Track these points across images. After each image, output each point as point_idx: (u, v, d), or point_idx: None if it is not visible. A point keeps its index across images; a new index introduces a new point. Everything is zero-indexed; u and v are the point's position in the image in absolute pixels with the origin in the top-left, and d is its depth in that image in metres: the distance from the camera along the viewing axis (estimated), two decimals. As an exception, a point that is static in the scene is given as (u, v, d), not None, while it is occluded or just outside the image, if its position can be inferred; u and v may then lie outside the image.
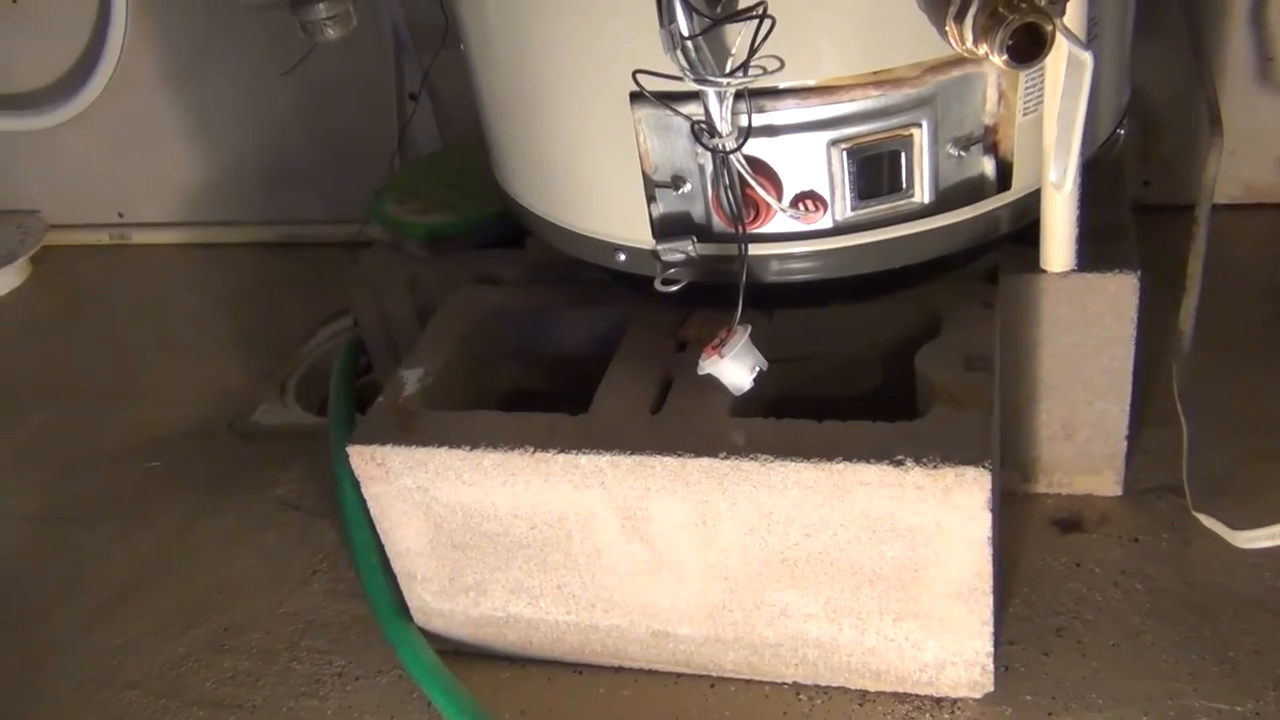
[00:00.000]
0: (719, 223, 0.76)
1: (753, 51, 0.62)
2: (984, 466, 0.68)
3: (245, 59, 1.41)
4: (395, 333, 1.00)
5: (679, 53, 0.61)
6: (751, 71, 0.62)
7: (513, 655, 0.88)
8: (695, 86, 0.63)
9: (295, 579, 1.00)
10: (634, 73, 0.65)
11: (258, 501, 1.10)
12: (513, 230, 0.96)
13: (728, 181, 0.69)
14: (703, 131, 0.67)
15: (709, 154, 0.68)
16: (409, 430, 0.79)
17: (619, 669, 0.86)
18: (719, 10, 0.60)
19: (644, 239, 0.79)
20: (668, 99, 0.68)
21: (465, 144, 1.14)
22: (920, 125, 0.72)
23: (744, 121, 0.67)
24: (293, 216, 1.50)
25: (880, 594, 0.75)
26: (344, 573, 0.99)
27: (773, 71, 0.63)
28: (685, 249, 0.77)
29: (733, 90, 0.64)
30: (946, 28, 0.57)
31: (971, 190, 0.77)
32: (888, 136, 0.73)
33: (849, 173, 0.73)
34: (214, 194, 1.54)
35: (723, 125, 0.66)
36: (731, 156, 0.67)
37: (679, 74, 0.62)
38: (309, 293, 1.40)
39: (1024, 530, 0.91)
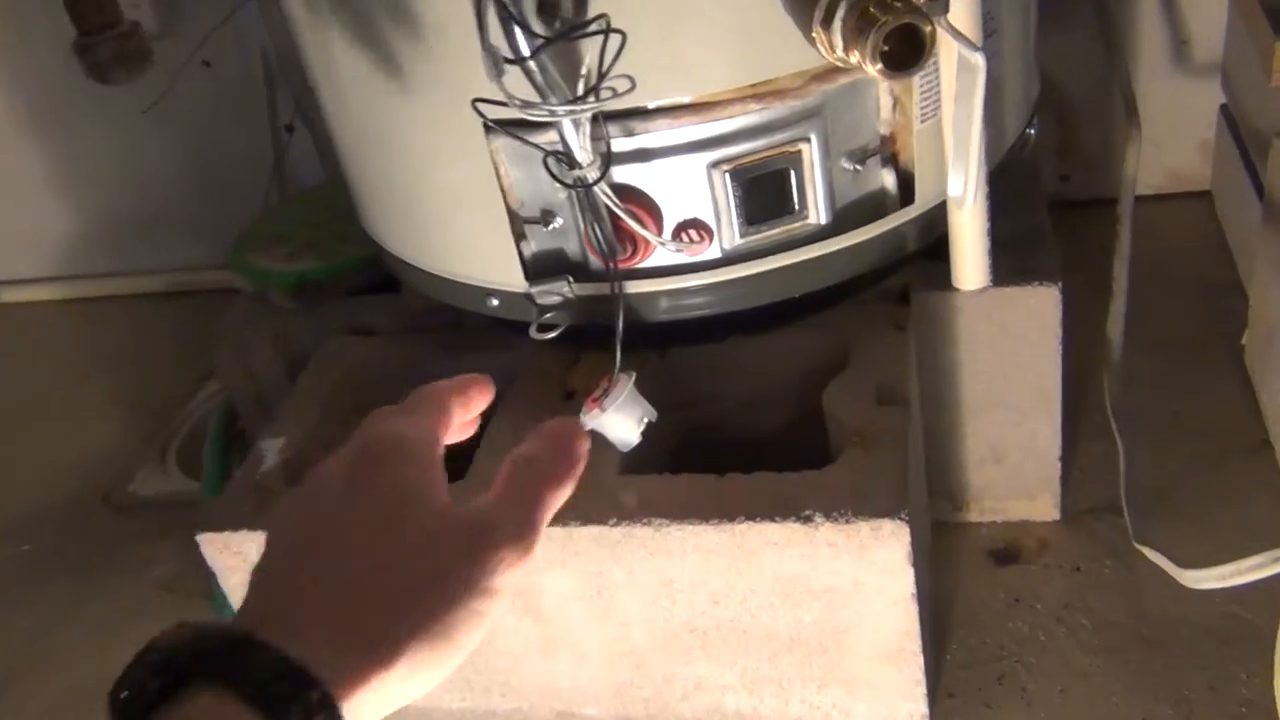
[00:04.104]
0: (597, 260, 0.69)
1: (602, 75, 0.54)
2: (901, 518, 0.61)
3: (109, 101, 1.30)
4: (266, 394, 0.91)
5: (502, 80, 0.53)
6: (603, 94, 0.54)
7: (408, 746, 0.80)
8: (532, 115, 0.55)
9: (174, 671, 0.91)
10: (474, 101, 0.57)
11: (133, 585, 1.00)
12: (389, 273, 0.87)
13: (594, 217, 0.61)
14: (560, 163, 0.59)
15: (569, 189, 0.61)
16: (266, 512, 0.71)
17: (526, 754, 0.78)
18: (557, 25, 0.52)
19: (516, 282, 0.71)
20: (519, 127, 0.60)
21: (338, 179, 1.05)
22: (809, 140, 0.65)
23: (608, 149, 0.59)
24: (175, 264, 1.40)
25: (801, 660, 0.68)
26: (227, 661, 0.90)
27: (624, 93, 0.55)
28: (561, 290, 0.69)
29: (588, 115, 0.56)
30: (814, 34, 0.50)
31: (872, 207, 0.70)
32: (774, 154, 0.65)
33: (734, 196, 0.66)
34: (89, 245, 1.43)
35: (582, 154, 0.58)
36: (596, 189, 0.59)
37: (508, 100, 0.54)
38: (194, 345, 1.30)
39: (957, 564, 0.84)
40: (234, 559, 0.71)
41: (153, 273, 1.42)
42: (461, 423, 0.50)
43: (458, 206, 0.70)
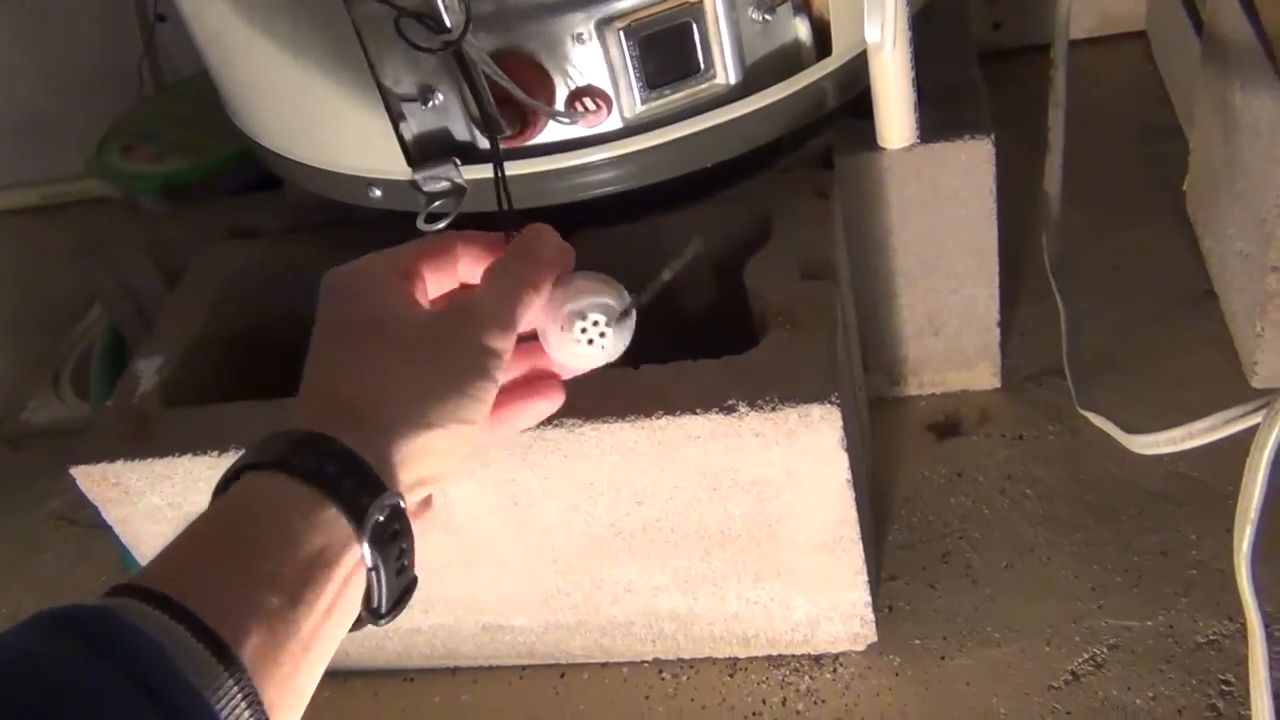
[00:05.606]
0: (485, 139, 0.62)
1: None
2: (831, 402, 0.56)
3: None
4: (146, 308, 0.84)
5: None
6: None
7: (332, 671, 0.75)
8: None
9: (78, 608, 0.85)
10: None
11: (29, 519, 0.94)
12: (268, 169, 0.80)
13: (473, 88, 0.54)
14: (424, 26, 0.52)
15: (433, 55, 0.54)
16: (144, 439, 0.64)
17: (455, 670, 0.74)
18: None
19: (398, 168, 0.64)
20: (376, -12, 0.53)
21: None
22: (711, -12, 0.58)
23: (467, 4, 0.52)
24: (51, 174, 1.30)
25: (733, 556, 0.64)
26: (133, 594, 0.84)
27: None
28: (449, 175, 0.62)
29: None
30: None
31: (786, 62, 0.63)
32: (673, 6, 0.59)
33: (631, 57, 0.59)
34: (-47, 160, 1.32)
35: (447, 13, 0.51)
36: (467, 53, 0.52)
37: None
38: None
39: (897, 440, 0.81)
40: (113, 490, 0.65)
41: (28, 185, 1.32)
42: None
43: (326, 87, 0.63)
